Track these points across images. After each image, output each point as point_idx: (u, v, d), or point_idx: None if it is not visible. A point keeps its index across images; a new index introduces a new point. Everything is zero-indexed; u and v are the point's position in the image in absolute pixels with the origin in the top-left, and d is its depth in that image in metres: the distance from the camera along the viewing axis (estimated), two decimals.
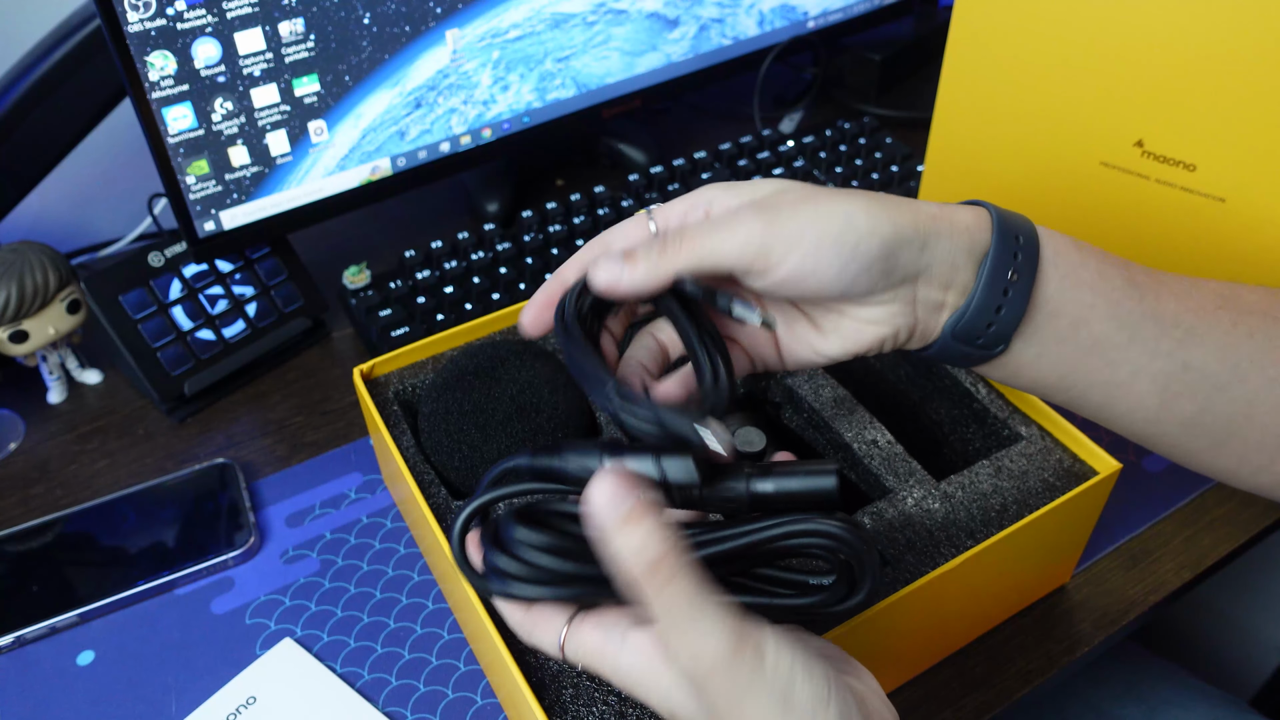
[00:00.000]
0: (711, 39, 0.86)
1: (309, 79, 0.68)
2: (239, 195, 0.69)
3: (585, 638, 0.37)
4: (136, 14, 0.60)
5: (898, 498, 0.52)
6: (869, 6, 0.96)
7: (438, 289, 0.75)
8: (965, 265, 0.39)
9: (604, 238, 0.41)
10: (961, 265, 0.39)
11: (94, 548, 0.61)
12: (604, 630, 0.36)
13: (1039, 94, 0.64)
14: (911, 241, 0.37)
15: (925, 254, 0.38)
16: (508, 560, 0.36)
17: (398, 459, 0.53)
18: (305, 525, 0.63)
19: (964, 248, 0.38)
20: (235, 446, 0.69)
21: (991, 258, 0.38)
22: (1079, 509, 0.51)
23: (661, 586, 0.32)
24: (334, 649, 0.56)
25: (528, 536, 0.36)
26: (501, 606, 0.39)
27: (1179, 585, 0.58)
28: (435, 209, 0.90)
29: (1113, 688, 0.70)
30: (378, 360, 0.59)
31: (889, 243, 0.37)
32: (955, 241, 0.38)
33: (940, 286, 0.39)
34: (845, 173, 0.85)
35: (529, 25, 0.76)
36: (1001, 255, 0.38)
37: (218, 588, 0.59)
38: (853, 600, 0.37)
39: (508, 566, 0.36)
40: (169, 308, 0.70)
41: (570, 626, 0.37)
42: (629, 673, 0.35)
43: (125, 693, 0.54)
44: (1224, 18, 0.54)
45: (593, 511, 0.32)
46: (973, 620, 0.54)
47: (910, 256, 0.38)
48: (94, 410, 0.72)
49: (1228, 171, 0.58)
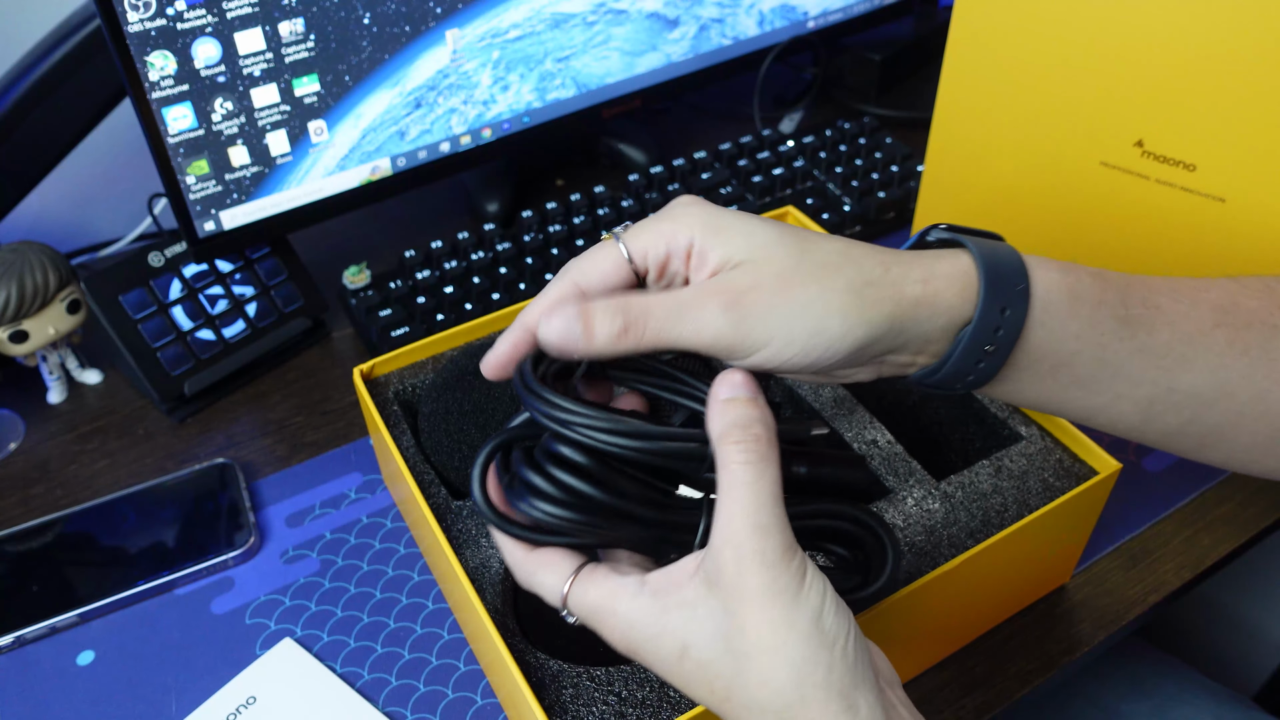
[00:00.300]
0: (711, 39, 0.86)
1: (309, 79, 0.68)
2: (239, 195, 0.69)
3: (592, 587, 0.36)
4: (136, 14, 0.60)
5: (898, 498, 0.52)
6: (869, 6, 0.96)
7: (438, 289, 0.75)
8: (940, 339, 0.38)
9: (571, 273, 0.39)
10: (936, 339, 0.38)
11: (94, 548, 0.61)
12: (616, 579, 0.36)
13: (1039, 94, 0.64)
14: (885, 335, 0.37)
15: (900, 338, 0.37)
16: (539, 478, 0.35)
17: (398, 459, 0.53)
18: (305, 525, 0.63)
19: (941, 326, 0.37)
20: (235, 446, 0.69)
21: (970, 335, 0.37)
22: (1079, 509, 0.51)
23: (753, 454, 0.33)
24: (334, 649, 0.56)
25: (569, 454, 0.35)
26: (504, 544, 0.38)
27: (1179, 585, 0.58)
28: (435, 209, 0.90)
29: (1117, 684, 0.70)
30: (378, 360, 0.59)
31: (861, 343, 0.36)
32: (934, 323, 0.37)
33: (911, 354, 0.38)
34: (845, 173, 0.85)
35: (529, 25, 0.76)
36: (981, 333, 0.37)
37: (218, 588, 0.59)
38: (875, 586, 0.38)
39: (538, 482, 0.35)
40: (169, 308, 0.70)
41: (578, 575, 0.36)
42: (637, 619, 0.35)
43: (125, 693, 0.54)
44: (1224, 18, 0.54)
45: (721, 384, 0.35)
46: (973, 620, 0.54)
47: (884, 344, 0.37)
48: (94, 410, 0.72)
49: (1228, 171, 0.58)
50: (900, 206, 0.83)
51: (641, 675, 0.45)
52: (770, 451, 0.34)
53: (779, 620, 0.32)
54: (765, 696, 0.33)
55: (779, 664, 0.32)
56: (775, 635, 0.32)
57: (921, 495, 0.52)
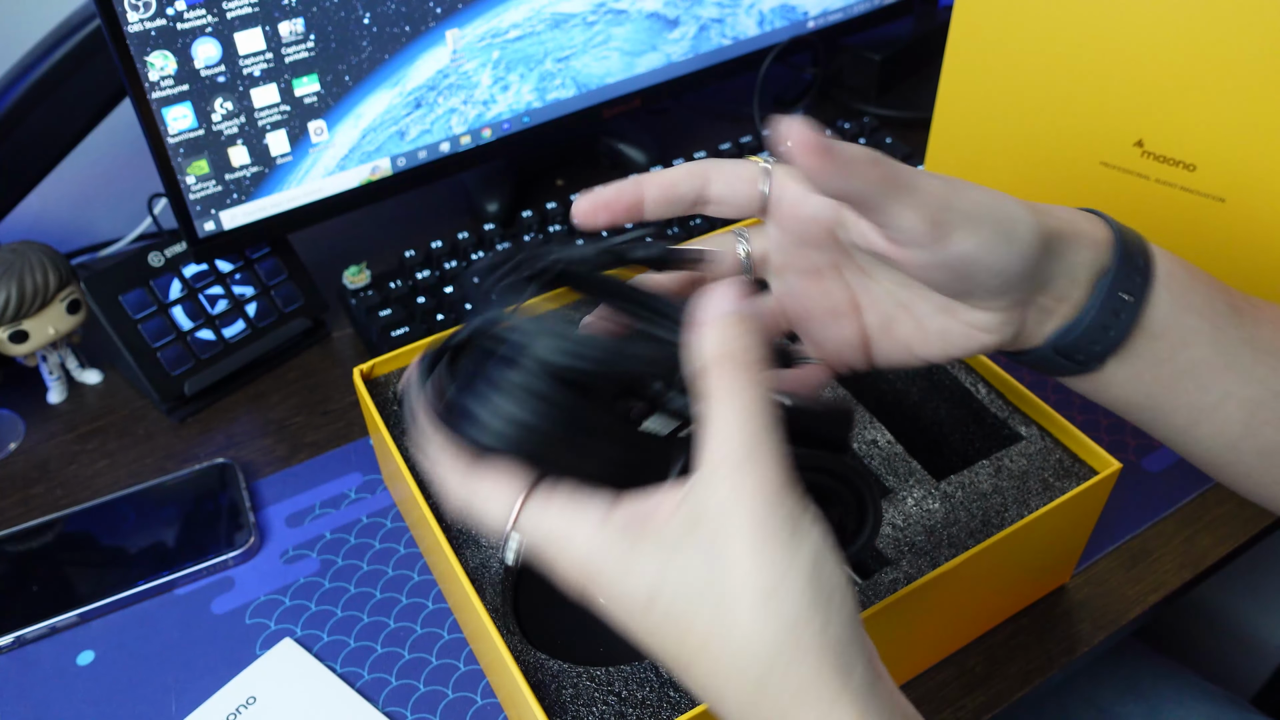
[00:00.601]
0: (711, 39, 0.86)
1: (309, 79, 0.68)
2: (239, 195, 0.69)
3: (550, 510, 0.31)
4: (136, 14, 0.60)
5: (898, 498, 0.52)
6: (869, 6, 0.96)
7: (438, 289, 0.75)
8: (1084, 281, 0.37)
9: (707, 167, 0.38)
10: (1082, 280, 0.37)
11: (94, 548, 0.61)
12: (576, 503, 0.31)
13: (1039, 94, 0.64)
14: (1055, 246, 0.36)
15: (1055, 265, 0.37)
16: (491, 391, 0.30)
17: (398, 459, 0.53)
18: (305, 525, 0.63)
19: (1088, 263, 0.37)
20: (235, 446, 0.69)
21: (1111, 278, 0.37)
22: (1079, 509, 0.51)
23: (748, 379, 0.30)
24: (334, 649, 0.56)
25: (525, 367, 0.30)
26: (440, 461, 0.33)
27: (1179, 585, 0.58)
28: (435, 209, 0.90)
29: (1114, 685, 0.70)
30: (378, 360, 0.59)
31: (1044, 240, 0.36)
32: (1083, 255, 0.37)
33: (1055, 298, 0.38)
34: None
35: (529, 25, 0.76)
36: (1121, 277, 0.37)
37: (218, 588, 0.59)
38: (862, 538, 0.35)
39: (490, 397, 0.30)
40: (169, 308, 0.70)
41: (532, 494, 0.31)
42: (599, 554, 0.30)
43: (125, 693, 0.54)
44: (1224, 18, 0.54)
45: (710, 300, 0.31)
46: (973, 620, 0.54)
47: (1045, 266, 0.36)
48: (94, 410, 0.72)
49: (1228, 171, 0.58)
50: None
51: (641, 675, 0.45)
52: (765, 377, 0.30)
53: (777, 560, 0.28)
54: (751, 651, 0.28)
55: (770, 614, 0.28)
56: (768, 577, 0.28)
57: (921, 495, 0.52)
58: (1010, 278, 0.36)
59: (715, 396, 0.30)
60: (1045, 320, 0.38)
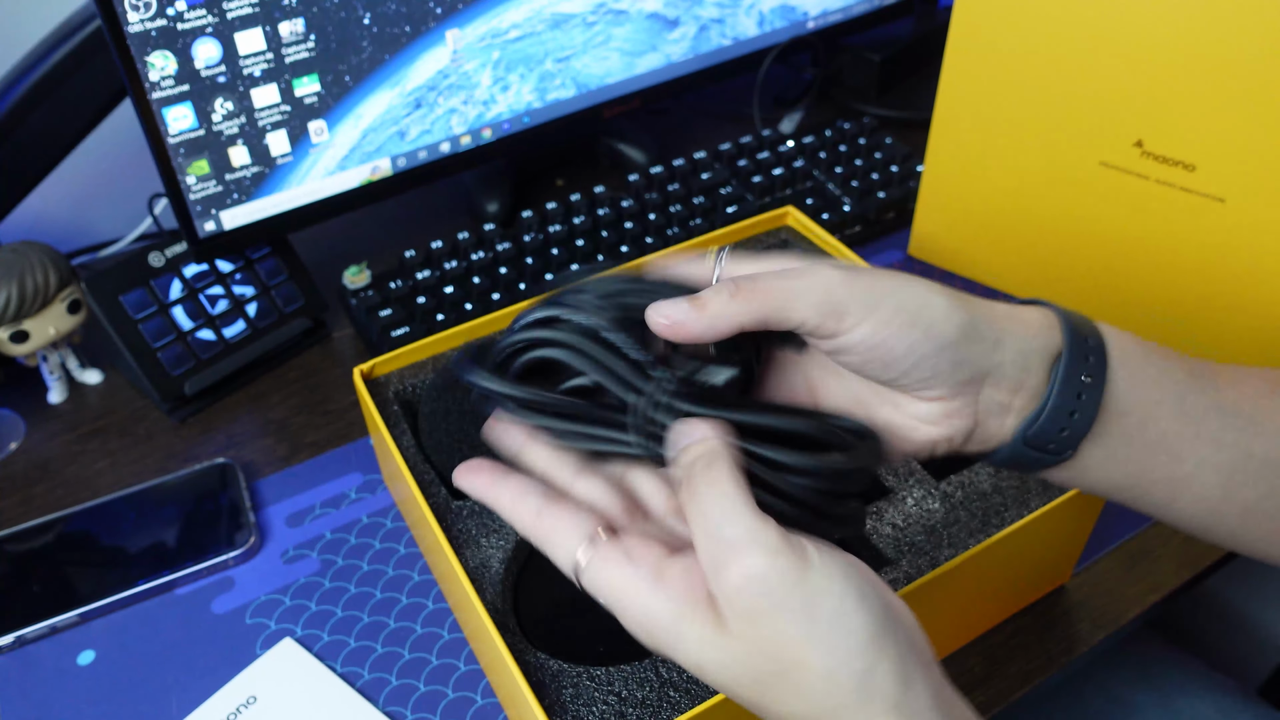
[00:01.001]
0: (711, 39, 0.86)
1: (309, 79, 0.68)
2: (239, 195, 0.69)
3: (605, 571, 0.35)
4: (137, 14, 0.60)
5: (898, 497, 0.52)
6: (869, 6, 0.96)
7: (438, 289, 0.75)
8: (1038, 367, 0.37)
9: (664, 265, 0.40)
10: (1034, 368, 0.37)
11: (94, 548, 0.61)
12: (629, 569, 0.35)
13: (1039, 94, 0.64)
14: (985, 336, 0.36)
15: (998, 352, 0.37)
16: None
17: (398, 459, 0.53)
18: (305, 525, 0.63)
19: (1037, 349, 0.37)
20: (235, 446, 0.69)
21: (1066, 360, 0.37)
22: (1079, 508, 0.51)
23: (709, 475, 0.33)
24: (334, 649, 0.56)
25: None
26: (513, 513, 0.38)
27: (1178, 584, 0.58)
28: (435, 209, 0.90)
29: (1126, 673, 0.71)
30: (378, 360, 0.59)
31: (964, 330, 0.36)
32: (1028, 342, 0.37)
33: (1009, 389, 0.37)
34: (845, 173, 0.85)
35: (529, 25, 0.76)
36: (1075, 357, 0.37)
37: (218, 587, 0.59)
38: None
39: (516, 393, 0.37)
40: (169, 308, 0.70)
41: (591, 553, 0.36)
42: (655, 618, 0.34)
43: (125, 693, 0.54)
44: (1224, 18, 0.54)
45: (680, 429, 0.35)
46: (973, 620, 0.54)
47: (982, 351, 0.36)
48: (94, 410, 0.72)
49: (1227, 171, 0.58)
50: (900, 206, 0.83)
51: (641, 675, 0.45)
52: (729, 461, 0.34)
53: (797, 637, 0.32)
54: (804, 710, 0.32)
55: (807, 679, 0.32)
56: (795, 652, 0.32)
57: (921, 495, 0.52)
58: (935, 362, 0.36)
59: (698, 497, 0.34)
60: (1005, 414, 0.38)
